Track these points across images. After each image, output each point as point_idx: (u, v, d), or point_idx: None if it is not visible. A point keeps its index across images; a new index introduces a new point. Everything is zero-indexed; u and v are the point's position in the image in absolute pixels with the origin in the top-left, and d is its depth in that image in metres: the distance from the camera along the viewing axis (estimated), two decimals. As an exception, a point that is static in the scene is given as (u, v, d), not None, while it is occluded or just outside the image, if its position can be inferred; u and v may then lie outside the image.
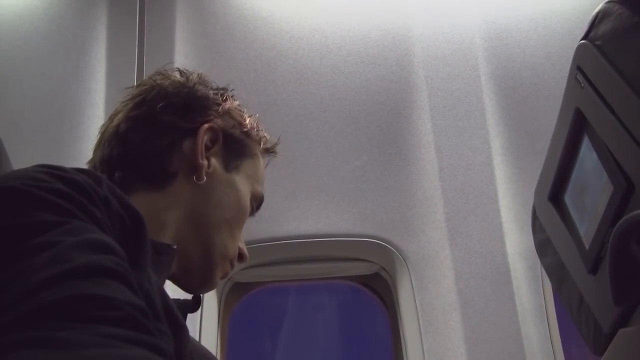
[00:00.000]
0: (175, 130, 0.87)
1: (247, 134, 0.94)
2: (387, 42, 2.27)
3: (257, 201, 0.95)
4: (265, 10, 2.31)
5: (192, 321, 1.91)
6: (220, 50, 2.24)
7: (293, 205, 2.11)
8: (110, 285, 0.50)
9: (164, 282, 0.84)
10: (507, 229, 2.05)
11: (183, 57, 2.17)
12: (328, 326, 2.35)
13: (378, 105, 2.20)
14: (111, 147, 0.87)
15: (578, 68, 0.85)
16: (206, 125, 0.88)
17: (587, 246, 0.84)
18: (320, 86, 2.22)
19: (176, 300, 0.79)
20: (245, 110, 0.97)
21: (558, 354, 1.96)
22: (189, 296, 0.90)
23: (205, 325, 1.97)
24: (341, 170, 2.14)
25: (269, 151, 1.01)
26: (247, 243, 2.03)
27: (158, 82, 0.90)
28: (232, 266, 0.92)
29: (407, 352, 2.05)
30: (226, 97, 0.94)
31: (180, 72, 0.95)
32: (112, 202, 0.60)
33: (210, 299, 2.06)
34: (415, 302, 2.04)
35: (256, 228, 2.02)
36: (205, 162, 0.86)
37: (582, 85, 0.83)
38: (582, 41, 0.84)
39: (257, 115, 0.99)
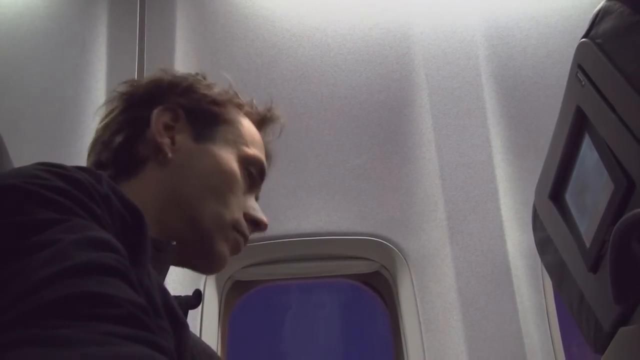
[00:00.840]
0: (136, 122, 0.90)
1: (216, 102, 0.95)
2: (388, 40, 2.27)
3: (254, 163, 0.94)
4: (265, 8, 2.31)
5: (192, 320, 1.91)
6: (221, 48, 2.24)
7: (294, 204, 2.11)
8: (110, 283, 0.50)
9: (164, 278, 0.84)
10: (507, 227, 2.05)
11: (183, 56, 2.17)
12: (329, 325, 2.35)
13: (378, 104, 2.20)
14: (95, 153, 0.92)
15: (579, 66, 0.85)
16: (160, 107, 0.91)
17: (587, 244, 0.84)
18: (321, 84, 2.22)
19: (177, 297, 0.79)
20: (216, 83, 0.99)
21: (558, 352, 1.96)
22: (190, 292, 0.90)
23: (205, 324, 1.97)
24: (342, 168, 2.14)
25: (259, 114, 1.02)
26: (248, 241, 2.02)
27: (119, 90, 0.95)
28: (243, 235, 0.90)
29: (408, 350, 2.05)
30: (187, 78, 0.96)
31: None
32: (112, 200, 0.60)
33: (210, 298, 2.06)
34: (415, 300, 2.04)
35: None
36: (166, 140, 0.89)
37: (583, 83, 0.83)
38: (583, 39, 0.84)
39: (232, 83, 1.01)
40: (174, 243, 0.84)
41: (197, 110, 0.93)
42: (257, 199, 0.98)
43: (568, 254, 0.93)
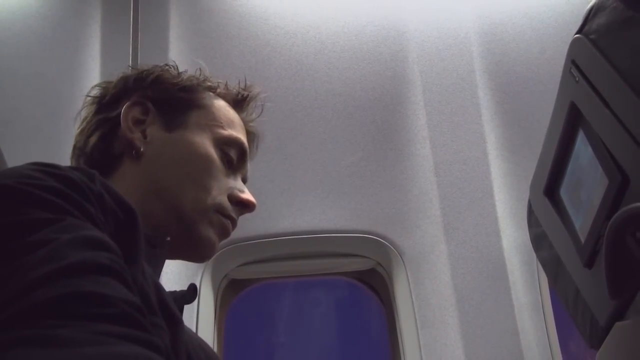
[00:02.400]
0: (108, 122, 0.92)
1: (185, 89, 0.95)
2: (382, 37, 2.27)
3: (231, 144, 0.93)
4: (259, 6, 2.31)
5: (189, 318, 1.90)
6: (215, 47, 2.24)
7: (288, 202, 2.11)
8: (105, 282, 0.50)
9: (159, 275, 0.84)
10: (502, 223, 2.05)
11: (177, 54, 2.16)
12: (324, 322, 2.35)
13: (373, 101, 2.20)
14: (74, 159, 0.95)
15: (572, 62, 0.85)
16: (128, 103, 0.91)
17: (582, 240, 0.84)
18: (315, 82, 2.22)
19: (172, 293, 0.79)
20: (185, 70, 1.00)
21: (555, 348, 1.96)
22: (184, 287, 0.89)
23: (202, 323, 1.97)
24: (336, 165, 2.14)
25: (234, 94, 1.01)
26: (243, 240, 2.02)
27: (92, 94, 0.97)
28: (229, 217, 0.90)
29: (404, 347, 2.05)
30: (153, 71, 0.96)
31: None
32: (105, 198, 0.60)
33: (206, 296, 2.06)
34: (411, 297, 2.04)
35: (252, 225, 2.02)
36: (137, 135, 0.89)
37: (577, 79, 0.83)
38: (577, 35, 0.84)
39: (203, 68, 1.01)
40: (168, 239, 0.84)
41: (166, 100, 0.93)
42: (244, 180, 0.98)
43: (563, 250, 0.93)
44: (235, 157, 0.94)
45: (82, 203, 0.57)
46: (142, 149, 0.88)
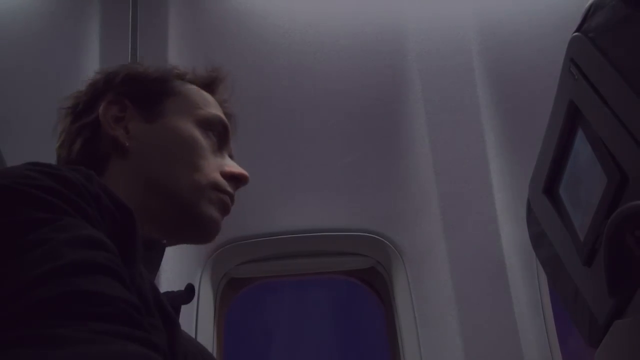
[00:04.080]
0: (87, 127, 0.92)
1: (156, 80, 0.96)
2: (381, 36, 2.27)
3: (212, 122, 0.95)
4: (258, 5, 2.31)
5: (188, 317, 1.90)
6: (214, 45, 2.24)
7: (288, 200, 2.11)
8: (103, 282, 0.50)
9: (155, 277, 0.84)
10: (502, 222, 2.05)
11: (176, 54, 2.16)
12: (324, 321, 2.35)
13: (372, 100, 2.20)
14: None
15: (571, 60, 0.85)
16: (104, 103, 0.92)
17: (581, 238, 0.84)
18: (314, 81, 2.22)
19: (170, 293, 0.79)
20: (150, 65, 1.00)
21: (554, 346, 1.96)
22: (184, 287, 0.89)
23: (201, 322, 1.97)
24: (335, 164, 2.14)
25: (203, 78, 1.02)
26: (243, 239, 2.02)
27: (65, 106, 0.97)
28: (226, 192, 0.91)
29: (404, 346, 2.06)
30: (121, 70, 0.97)
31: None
32: (103, 199, 0.60)
33: (206, 295, 2.06)
34: (411, 296, 2.04)
35: (251, 223, 2.02)
36: (120, 131, 0.90)
37: (576, 77, 0.83)
38: (576, 33, 0.84)
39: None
40: (164, 241, 0.84)
41: (140, 94, 0.94)
42: (231, 157, 0.99)
43: (562, 248, 0.93)
44: (218, 135, 0.95)
45: (79, 203, 0.57)
46: (127, 144, 0.89)
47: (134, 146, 0.89)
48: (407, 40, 2.26)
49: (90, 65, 2.15)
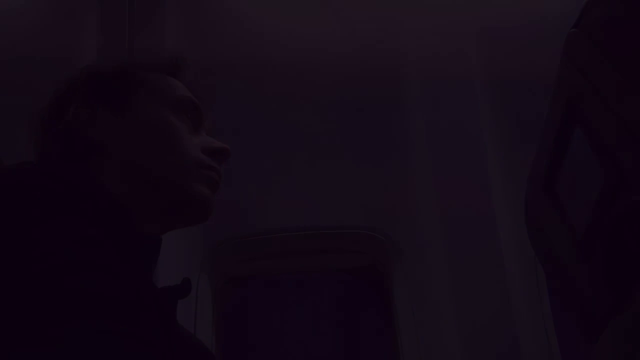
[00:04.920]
0: (59, 135, 0.91)
1: (118, 74, 0.97)
2: (381, 35, 2.27)
3: (181, 103, 0.95)
4: (256, 5, 2.30)
5: (187, 315, 1.91)
6: (213, 45, 2.23)
7: (285, 198, 2.11)
8: (99, 279, 0.50)
9: (151, 272, 0.84)
10: (500, 218, 2.05)
11: (174, 47, 2.16)
12: (322, 319, 2.35)
13: (371, 99, 2.20)
14: None
15: (569, 57, 0.85)
16: (72, 109, 0.92)
17: (580, 235, 0.84)
18: (314, 80, 2.22)
19: (167, 287, 0.79)
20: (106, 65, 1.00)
21: (552, 343, 1.97)
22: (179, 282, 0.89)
23: (199, 320, 1.97)
24: (334, 162, 2.14)
25: (164, 64, 1.02)
26: (241, 237, 2.00)
27: (33, 126, 0.96)
28: (212, 168, 0.92)
29: (402, 343, 2.06)
30: (81, 74, 0.98)
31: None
32: (97, 198, 0.61)
33: (204, 294, 2.06)
34: (409, 293, 2.04)
35: (248, 222, 2.02)
36: (93, 134, 0.90)
37: (573, 74, 0.83)
38: (573, 29, 0.84)
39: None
40: (161, 237, 0.85)
41: (106, 92, 0.94)
42: (211, 134, 0.99)
43: (560, 245, 0.93)
44: (191, 115, 0.95)
45: (75, 202, 0.57)
46: (104, 142, 0.89)
47: (111, 142, 0.89)
48: (407, 41, 2.26)
49: (88, 60, 2.14)
